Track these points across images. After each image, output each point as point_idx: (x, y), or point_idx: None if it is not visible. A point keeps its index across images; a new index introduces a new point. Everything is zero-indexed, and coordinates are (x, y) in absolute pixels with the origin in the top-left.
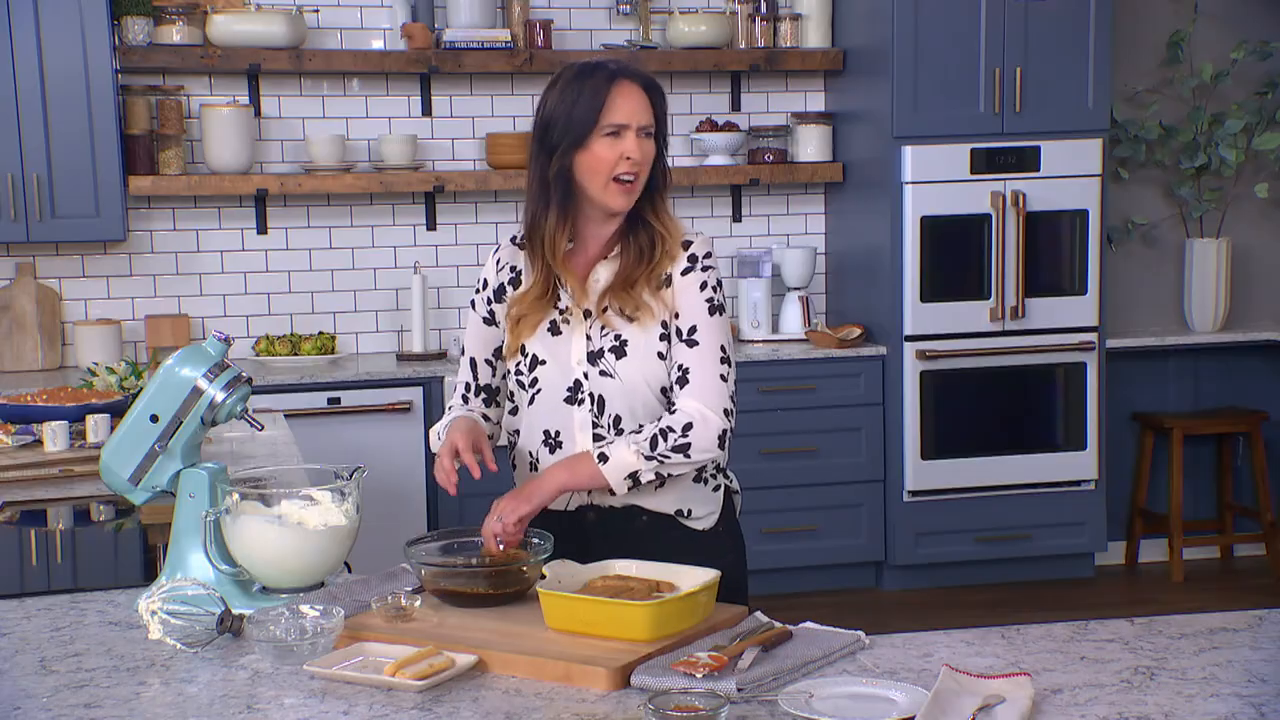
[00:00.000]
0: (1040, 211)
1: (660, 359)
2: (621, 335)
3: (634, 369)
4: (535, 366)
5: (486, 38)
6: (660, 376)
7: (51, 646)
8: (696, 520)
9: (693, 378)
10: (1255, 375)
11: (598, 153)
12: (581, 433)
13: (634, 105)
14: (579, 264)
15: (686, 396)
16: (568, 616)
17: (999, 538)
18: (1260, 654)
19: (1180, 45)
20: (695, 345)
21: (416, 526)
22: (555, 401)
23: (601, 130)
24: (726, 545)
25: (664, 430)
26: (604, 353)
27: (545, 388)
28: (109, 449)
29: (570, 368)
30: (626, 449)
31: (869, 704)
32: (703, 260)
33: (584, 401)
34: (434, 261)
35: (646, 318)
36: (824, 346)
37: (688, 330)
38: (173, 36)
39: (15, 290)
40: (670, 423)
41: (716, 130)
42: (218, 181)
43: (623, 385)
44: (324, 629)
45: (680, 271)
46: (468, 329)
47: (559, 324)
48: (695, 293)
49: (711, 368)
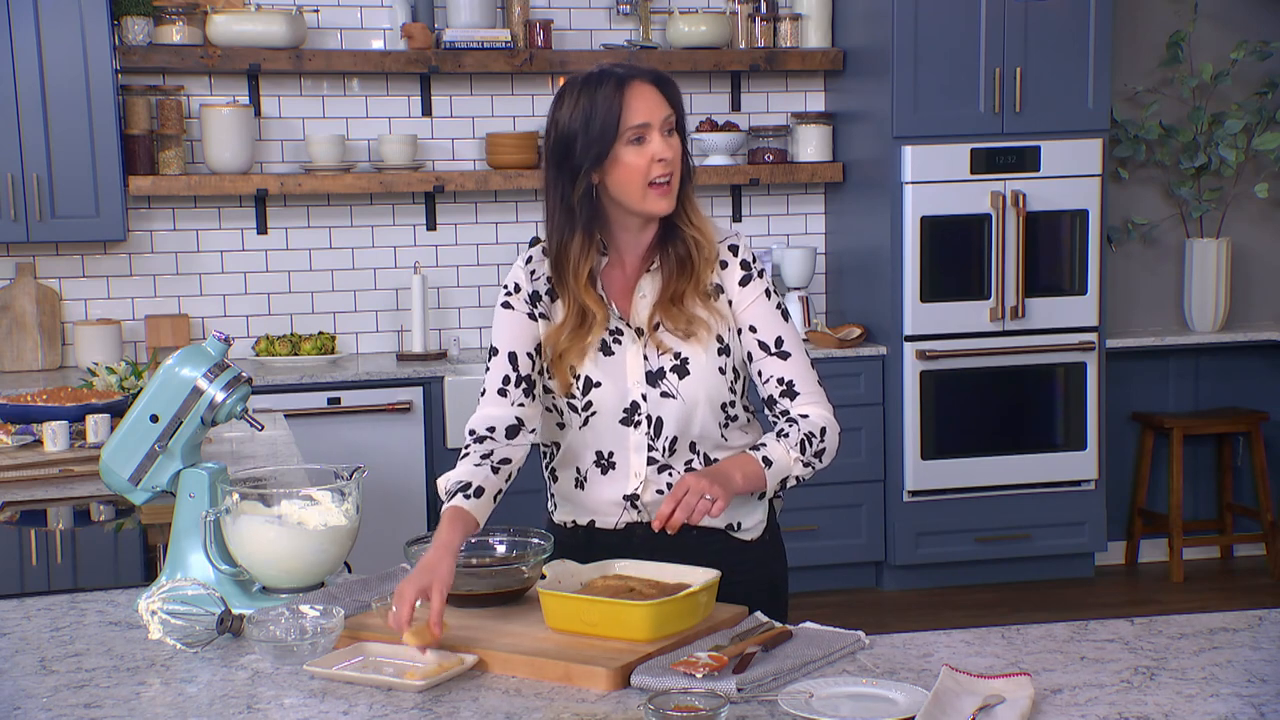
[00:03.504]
0: (1040, 211)
1: (721, 374)
2: (681, 354)
3: (697, 387)
4: (589, 389)
5: (486, 38)
6: (722, 393)
7: (51, 646)
8: (745, 532)
9: (801, 388)
10: (1255, 375)
11: (627, 161)
12: (636, 454)
13: (651, 103)
14: (619, 280)
15: (807, 404)
16: (568, 616)
17: (999, 538)
18: (1260, 654)
19: (1180, 45)
20: (789, 356)
21: (416, 526)
22: (610, 423)
23: (625, 138)
24: (772, 554)
25: (809, 435)
26: (665, 373)
27: (601, 410)
28: (109, 449)
29: (627, 389)
30: (785, 453)
31: (869, 704)
32: (755, 265)
33: (640, 423)
34: (434, 261)
35: (703, 332)
36: (824, 346)
37: (774, 342)
38: (173, 36)
39: (15, 290)
40: (810, 427)
41: (716, 130)
42: (218, 181)
43: (684, 405)
44: (324, 629)
45: (739, 281)
46: (501, 326)
47: (610, 344)
48: (764, 302)
49: (812, 375)
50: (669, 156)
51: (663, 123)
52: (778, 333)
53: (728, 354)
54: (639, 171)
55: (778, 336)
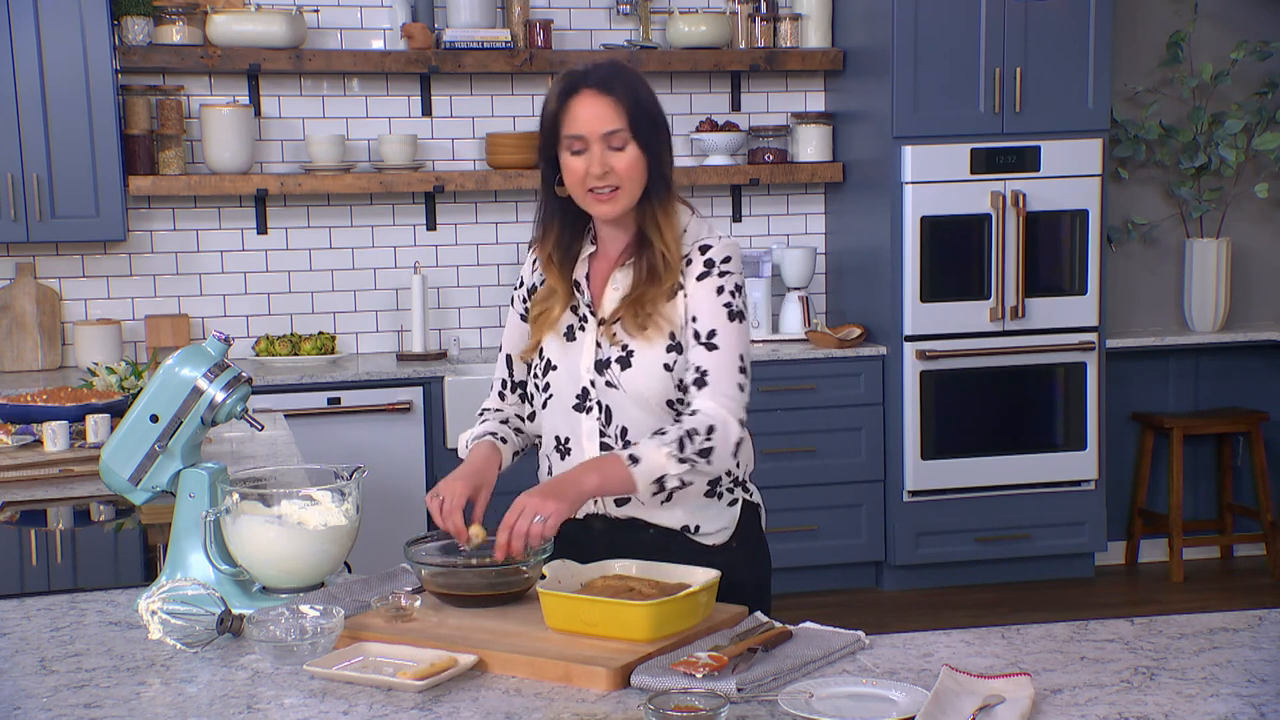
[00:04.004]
0: (1040, 211)
1: (667, 371)
2: (629, 346)
3: (638, 380)
4: (548, 371)
5: (486, 38)
6: (666, 390)
7: (51, 646)
8: (706, 536)
9: (712, 380)
10: (1255, 375)
11: (567, 166)
12: (589, 440)
13: (592, 114)
14: (601, 269)
15: (705, 397)
16: (568, 616)
17: (999, 538)
18: (1260, 654)
19: (1180, 45)
20: (715, 349)
21: (416, 526)
22: (565, 408)
23: (565, 145)
24: (740, 562)
25: (690, 432)
26: (610, 363)
27: (556, 393)
28: (109, 449)
29: (579, 375)
30: (657, 450)
31: (869, 704)
32: (720, 265)
33: (592, 409)
34: (434, 261)
35: (656, 329)
36: (824, 346)
37: (707, 334)
38: (173, 36)
39: (15, 290)
40: (694, 424)
41: (716, 130)
42: (218, 181)
43: (625, 396)
44: (324, 629)
45: (696, 276)
46: (506, 326)
47: (575, 329)
48: (713, 296)
49: (731, 374)
50: (597, 171)
51: (606, 136)
52: (713, 326)
53: (679, 352)
54: (577, 177)
55: (712, 329)
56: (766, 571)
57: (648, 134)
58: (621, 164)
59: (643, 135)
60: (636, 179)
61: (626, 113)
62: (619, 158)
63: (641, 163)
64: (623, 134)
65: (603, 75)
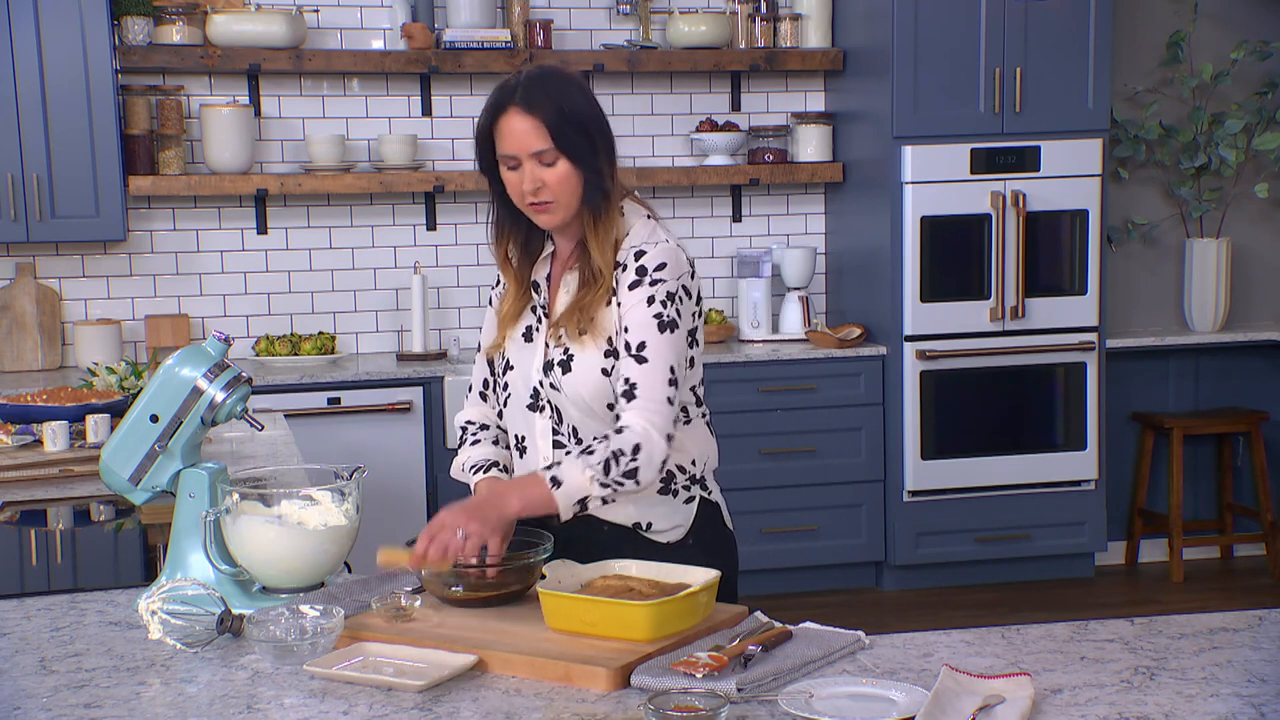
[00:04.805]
0: (1040, 211)
1: (604, 376)
2: (570, 350)
3: (577, 384)
4: (507, 371)
5: (486, 38)
6: (605, 394)
7: (51, 646)
8: (659, 534)
9: (640, 394)
10: (1255, 375)
11: (506, 178)
12: (543, 439)
13: (519, 134)
14: (556, 270)
15: (633, 412)
16: (568, 616)
17: (999, 538)
18: (1260, 654)
19: (1180, 45)
20: (645, 362)
21: (416, 526)
22: (520, 407)
23: (500, 160)
24: (696, 560)
25: (616, 454)
26: (554, 365)
27: (513, 392)
28: (109, 449)
29: (530, 375)
30: (580, 473)
31: (869, 704)
32: (653, 273)
33: (544, 409)
34: (434, 261)
35: (594, 334)
36: (824, 346)
37: (637, 345)
38: (173, 36)
39: (15, 290)
40: (620, 444)
41: (716, 130)
42: (218, 181)
43: (566, 399)
44: (324, 629)
45: (628, 285)
46: (484, 326)
47: (533, 330)
48: (643, 308)
49: (660, 387)
50: (528, 189)
51: (536, 155)
52: (643, 338)
53: (617, 358)
54: (515, 192)
55: (641, 341)
56: (731, 569)
57: (577, 147)
58: (553, 179)
59: (571, 150)
60: (570, 191)
61: (550, 131)
62: (550, 173)
63: (574, 176)
64: (550, 152)
65: (528, 92)
